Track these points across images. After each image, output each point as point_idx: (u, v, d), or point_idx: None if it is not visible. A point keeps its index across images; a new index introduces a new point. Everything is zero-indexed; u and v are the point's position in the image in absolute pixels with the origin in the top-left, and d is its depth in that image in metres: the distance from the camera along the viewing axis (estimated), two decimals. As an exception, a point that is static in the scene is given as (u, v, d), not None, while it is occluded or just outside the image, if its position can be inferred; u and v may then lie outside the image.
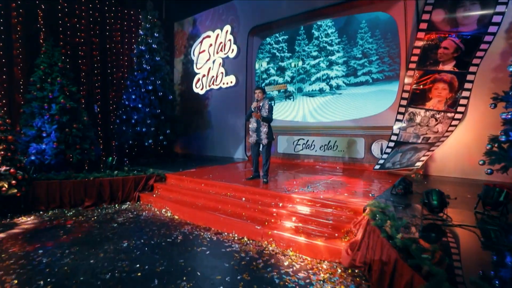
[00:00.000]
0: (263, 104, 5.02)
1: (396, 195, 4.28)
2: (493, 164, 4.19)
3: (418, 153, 5.61)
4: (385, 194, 4.31)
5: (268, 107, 4.99)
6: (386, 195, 4.24)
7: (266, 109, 4.98)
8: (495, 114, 5.35)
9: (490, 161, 4.19)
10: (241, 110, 8.74)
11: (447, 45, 5.35)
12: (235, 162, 7.99)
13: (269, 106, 5.00)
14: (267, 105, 5.00)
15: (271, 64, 8.41)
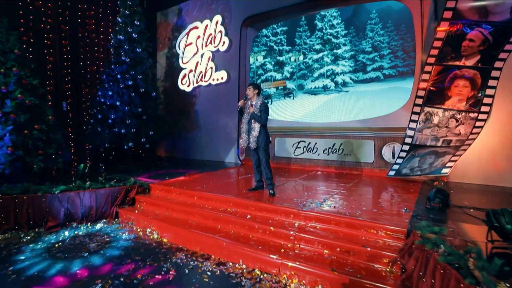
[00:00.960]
0: (255, 103, 4.22)
1: (432, 209, 3.60)
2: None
3: (441, 158, 4.98)
4: (419, 209, 3.62)
5: (261, 106, 4.20)
6: (421, 210, 3.55)
7: (258, 108, 4.18)
8: (524, 114, 4.86)
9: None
10: (233, 109, 7.87)
11: (473, 37, 4.75)
12: (227, 168, 7.11)
13: (262, 105, 4.22)
14: (259, 104, 4.21)
15: (267, 58, 7.61)
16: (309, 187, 4.89)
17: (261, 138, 4.23)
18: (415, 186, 4.94)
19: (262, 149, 4.25)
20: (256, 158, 4.43)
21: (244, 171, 6.63)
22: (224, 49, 8.06)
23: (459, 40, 4.90)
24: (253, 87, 4.29)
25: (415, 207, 3.71)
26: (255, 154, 4.39)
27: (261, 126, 4.24)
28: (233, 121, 7.91)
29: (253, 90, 4.28)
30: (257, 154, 4.39)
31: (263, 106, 4.26)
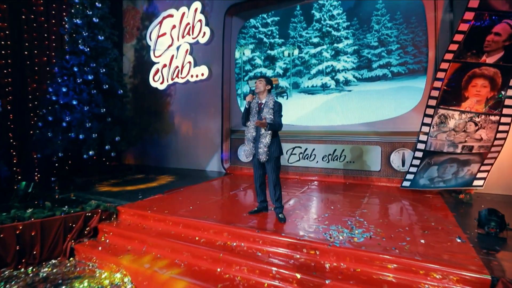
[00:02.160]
0: (266, 102, 3.30)
1: (487, 235, 2.91)
2: None
3: (466, 167, 4.38)
4: (472, 235, 2.90)
5: (275, 106, 3.31)
6: (478, 239, 2.83)
7: (270, 108, 3.27)
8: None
9: None
10: (216, 109, 6.83)
11: (500, 31, 4.20)
12: (211, 179, 6.05)
13: (276, 104, 3.33)
14: (272, 103, 3.30)
15: (256, 52, 6.67)
16: (320, 205, 4.03)
17: (273, 148, 3.29)
18: (436, 199, 4.30)
19: (273, 162, 3.32)
20: (262, 173, 3.48)
21: (232, 183, 5.63)
22: (204, 41, 6.99)
23: (483, 34, 4.33)
24: (265, 81, 3.36)
25: (465, 232, 2.99)
26: (261, 169, 3.44)
27: (273, 132, 3.31)
28: (216, 124, 6.87)
29: (265, 85, 3.34)
30: (263, 169, 3.44)
31: (277, 106, 3.34)
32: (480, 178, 4.17)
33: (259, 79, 3.38)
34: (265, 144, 3.27)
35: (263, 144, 3.27)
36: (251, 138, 3.37)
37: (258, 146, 3.30)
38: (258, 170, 3.47)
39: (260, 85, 3.35)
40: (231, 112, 6.89)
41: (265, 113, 3.30)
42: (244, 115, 3.39)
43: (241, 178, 6.14)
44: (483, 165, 4.23)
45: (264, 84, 3.35)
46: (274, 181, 3.37)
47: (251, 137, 3.37)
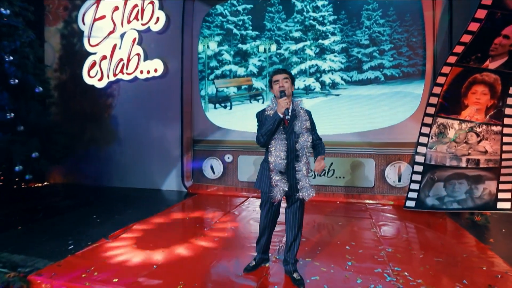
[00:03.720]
0: (295, 110, 2.28)
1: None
2: None
3: (480, 185, 3.90)
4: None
5: (309, 116, 2.33)
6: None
7: (304, 120, 2.24)
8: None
9: None
10: (174, 114, 5.50)
11: (509, 33, 3.81)
12: (172, 206, 4.71)
13: (309, 114, 2.34)
14: (303, 112, 2.29)
15: (224, 45, 5.53)
16: (326, 241, 3.10)
17: (307, 181, 2.24)
18: (450, 223, 3.74)
19: (304, 199, 2.26)
20: (275, 218, 2.40)
21: (201, 210, 4.41)
22: (157, 29, 5.59)
23: (492, 36, 3.88)
24: (291, 78, 2.30)
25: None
26: (276, 212, 2.36)
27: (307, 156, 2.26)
28: (174, 132, 5.53)
29: (290, 84, 2.28)
30: (278, 212, 2.37)
31: (310, 116, 2.35)
32: (504, 199, 3.72)
33: (282, 74, 2.26)
34: (305, 172, 2.21)
35: (302, 173, 2.19)
36: (280, 165, 2.18)
37: (296, 176, 2.20)
38: (273, 214, 2.36)
39: (286, 84, 2.24)
40: (193, 118, 5.63)
41: (298, 128, 2.22)
42: (269, 131, 2.19)
43: (208, 200, 4.94)
44: (501, 183, 3.78)
45: (290, 84, 2.27)
46: (298, 227, 2.32)
47: (280, 165, 2.18)
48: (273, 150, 2.20)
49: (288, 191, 2.19)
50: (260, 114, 2.34)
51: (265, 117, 2.27)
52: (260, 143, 2.25)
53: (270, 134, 2.18)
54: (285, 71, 2.30)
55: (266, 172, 2.28)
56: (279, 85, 2.23)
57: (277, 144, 2.20)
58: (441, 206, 3.94)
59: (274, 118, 2.15)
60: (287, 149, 2.19)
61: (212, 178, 5.48)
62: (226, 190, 5.33)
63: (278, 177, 2.18)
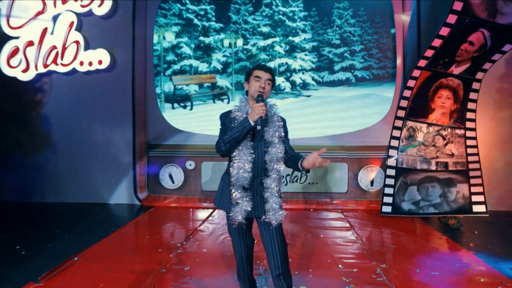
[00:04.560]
0: (267, 115, 1.82)
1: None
2: None
3: (452, 188, 3.94)
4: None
5: (283, 122, 1.89)
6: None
7: (278, 127, 1.81)
8: (502, 131, 4.47)
9: None
10: (124, 115, 4.70)
11: (474, 40, 3.93)
12: (123, 226, 3.91)
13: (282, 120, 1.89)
14: (277, 118, 1.86)
15: (184, 37, 4.89)
16: (317, 262, 2.75)
17: (277, 202, 1.81)
18: (424, 227, 3.71)
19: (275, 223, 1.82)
20: (251, 244, 1.93)
21: (159, 230, 3.75)
22: (102, 13, 4.69)
23: (459, 42, 3.98)
24: (273, 81, 1.88)
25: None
26: (248, 237, 1.89)
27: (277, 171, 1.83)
28: (124, 136, 4.72)
29: (271, 86, 1.86)
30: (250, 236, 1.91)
31: (285, 124, 1.92)
32: (478, 202, 3.78)
33: (268, 74, 1.81)
34: (277, 189, 1.78)
35: (273, 189, 1.76)
36: (243, 178, 1.76)
37: (263, 193, 1.77)
38: (245, 239, 1.89)
39: (268, 87, 1.80)
40: (147, 119, 4.87)
41: (270, 136, 1.79)
42: (235, 139, 1.74)
43: (168, 215, 4.29)
44: (472, 186, 3.86)
45: (271, 87, 1.84)
46: (282, 258, 1.87)
47: (244, 180, 1.77)
48: (236, 161, 1.76)
49: (252, 212, 1.76)
50: (225, 116, 1.88)
51: (230, 120, 1.81)
52: (221, 151, 1.78)
53: (235, 143, 1.73)
54: (271, 70, 1.85)
55: (227, 187, 1.82)
56: (260, 85, 1.78)
57: (242, 153, 1.75)
58: (417, 211, 3.91)
59: (243, 125, 1.69)
60: (254, 160, 1.76)
61: (171, 188, 4.80)
62: (188, 202, 4.70)
63: (240, 193, 1.74)
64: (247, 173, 1.73)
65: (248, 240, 1.90)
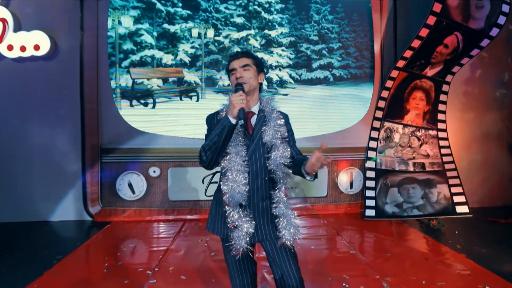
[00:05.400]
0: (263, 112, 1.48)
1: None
2: None
3: (433, 189, 3.95)
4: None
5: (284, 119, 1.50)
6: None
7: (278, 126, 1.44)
8: (467, 132, 4.67)
9: None
10: (69, 113, 3.89)
11: (449, 42, 4.00)
12: (73, 251, 3.19)
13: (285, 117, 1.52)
14: (277, 114, 1.48)
15: (144, 23, 4.21)
16: (316, 280, 2.44)
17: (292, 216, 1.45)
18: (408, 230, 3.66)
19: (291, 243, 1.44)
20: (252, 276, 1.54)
21: (120, 247, 3.10)
22: (39, -12, 3.82)
23: (435, 44, 4.02)
24: (255, 65, 1.50)
25: None
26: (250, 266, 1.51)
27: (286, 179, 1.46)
28: (70, 139, 3.91)
29: (256, 73, 1.49)
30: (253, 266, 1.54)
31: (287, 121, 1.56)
32: (460, 203, 3.82)
33: (241, 59, 1.47)
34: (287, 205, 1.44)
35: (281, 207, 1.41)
36: (240, 197, 1.37)
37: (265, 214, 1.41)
38: (248, 268, 1.51)
39: (247, 73, 1.44)
40: (101, 119, 4.09)
41: (270, 137, 1.42)
42: (215, 145, 1.35)
43: (129, 231, 3.63)
44: (452, 186, 3.91)
45: (254, 72, 1.47)
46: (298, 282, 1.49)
47: (240, 196, 1.37)
48: (228, 173, 1.39)
49: (256, 235, 1.40)
50: (211, 118, 1.53)
51: (215, 124, 1.45)
52: (203, 162, 1.41)
53: (217, 149, 1.35)
54: (246, 54, 1.50)
55: (220, 207, 1.47)
56: (235, 76, 1.45)
57: (233, 162, 1.38)
58: (401, 213, 3.85)
59: (223, 125, 1.33)
60: (252, 169, 1.41)
61: (131, 199, 4.10)
62: (152, 214, 4.06)
63: (238, 214, 1.37)
64: (242, 186, 1.36)
65: (252, 267, 1.54)
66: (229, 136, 1.35)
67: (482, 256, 2.89)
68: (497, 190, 4.44)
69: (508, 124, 4.49)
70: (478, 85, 4.52)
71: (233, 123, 1.31)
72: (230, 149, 1.40)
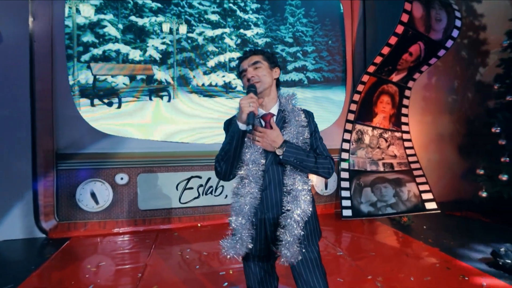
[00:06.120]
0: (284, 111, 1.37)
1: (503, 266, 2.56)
2: None
3: (403, 187, 4.18)
4: None
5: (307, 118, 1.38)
6: None
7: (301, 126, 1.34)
8: (426, 133, 5.06)
9: None
10: (16, 112, 3.32)
11: (413, 51, 4.30)
12: (22, 281, 2.69)
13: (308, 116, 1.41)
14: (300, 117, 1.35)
15: (108, 13, 3.78)
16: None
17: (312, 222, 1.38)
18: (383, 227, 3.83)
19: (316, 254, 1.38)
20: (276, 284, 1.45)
21: (84, 271, 2.70)
22: (-27, -37, 3.19)
23: (401, 52, 4.30)
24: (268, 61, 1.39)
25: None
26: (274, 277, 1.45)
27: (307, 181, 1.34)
28: (13, 142, 3.32)
29: (269, 68, 1.38)
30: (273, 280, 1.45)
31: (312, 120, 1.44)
32: (429, 200, 4.08)
33: (250, 58, 1.37)
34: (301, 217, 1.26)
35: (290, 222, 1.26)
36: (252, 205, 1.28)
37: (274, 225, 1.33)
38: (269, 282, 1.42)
39: (258, 71, 1.34)
40: (56, 120, 3.56)
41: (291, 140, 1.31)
42: (228, 154, 1.27)
43: (93, 249, 3.20)
44: (420, 185, 4.18)
45: (267, 68, 1.37)
46: None
47: (251, 204, 1.28)
48: (243, 181, 1.30)
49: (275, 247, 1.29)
50: (228, 125, 1.42)
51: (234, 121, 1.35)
52: (218, 174, 1.32)
53: (229, 159, 1.27)
54: (254, 51, 1.40)
55: None
56: (247, 77, 1.36)
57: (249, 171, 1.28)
58: (376, 212, 4.01)
59: (233, 132, 1.25)
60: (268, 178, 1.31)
61: (94, 211, 3.64)
62: (119, 226, 3.66)
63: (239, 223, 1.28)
64: (253, 199, 1.28)
65: (273, 282, 1.44)
66: (239, 144, 1.24)
67: (453, 248, 3.12)
68: (451, 186, 4.89)
69: (459, 126, 4.99)
70: (434, 91, 4.95)
71: (242, 129, 1.21)
72: (247, 157, 1.28)
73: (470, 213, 4.22)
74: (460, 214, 4.28)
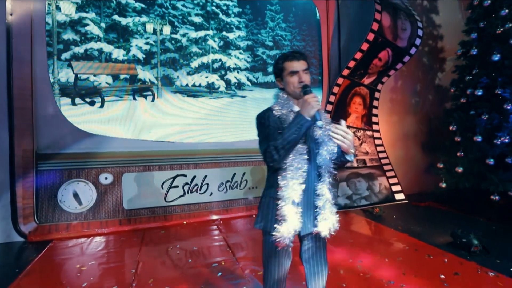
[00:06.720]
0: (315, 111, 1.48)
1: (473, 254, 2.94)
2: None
3: (375, 181, 4.54)
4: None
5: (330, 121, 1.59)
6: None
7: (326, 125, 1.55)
8: (393, 132, 5.51)
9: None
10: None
11: (382, 57, 4.70)
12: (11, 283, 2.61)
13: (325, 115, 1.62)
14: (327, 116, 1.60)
15: (90, 12, 3.74)
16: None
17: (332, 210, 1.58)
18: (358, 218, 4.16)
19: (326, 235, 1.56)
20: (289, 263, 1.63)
21: (69, 278, 2.70)
22: None
23: (372, 57, 4.69)
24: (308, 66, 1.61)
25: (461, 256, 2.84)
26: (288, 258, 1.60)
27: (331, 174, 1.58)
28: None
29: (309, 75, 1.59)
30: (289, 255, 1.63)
31: None
32: (397, 191, 4.46)
33: (301, 61, 1.53)
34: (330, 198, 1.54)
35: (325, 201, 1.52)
36: (293, 195, 1.45)
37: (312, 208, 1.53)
38: (285, 262, 1.60)
39: (307, 77, 1.53)
40: (36, 119, 3.46)
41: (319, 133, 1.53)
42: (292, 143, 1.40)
43: (76, 253, 3.14)
44: (390, 178, 4.56)
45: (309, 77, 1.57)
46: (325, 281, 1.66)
47: (293, 194, 1.45)
48: (288, 169, 1.47)
49: (302, 229, 1.51)
50: (267, 117, 1.56)
51: (275, 122, 1.52)
52: (274, 161, 1.44)
53: (290, 148, 1.44)
54: (305, 57, 1.57)
55: (273, 202, 1.52)
56: (299, 80, 1.52)
57: (294, 160, 1.48)
58: (352, 204, 4.32)
59: (299, 124, 1.39)
60: (307, 166, 1.51)
61: (77, 212, 3.57)
62: (103, 227, 3.62)
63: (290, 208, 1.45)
64: (299, 185, 1.46)
65: (288, 261, 1.61)
66: (303, 135, 1.42)
67: (419, 233, 3.50)
68: (415, 180, 5.38)
69: (421, 126, 5.51)
70: (400, 93, 5.42)
71: (310, 122, 1.37)
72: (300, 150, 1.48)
73: (433, 203, 4.69)
74: (425, 204, 4.74)
